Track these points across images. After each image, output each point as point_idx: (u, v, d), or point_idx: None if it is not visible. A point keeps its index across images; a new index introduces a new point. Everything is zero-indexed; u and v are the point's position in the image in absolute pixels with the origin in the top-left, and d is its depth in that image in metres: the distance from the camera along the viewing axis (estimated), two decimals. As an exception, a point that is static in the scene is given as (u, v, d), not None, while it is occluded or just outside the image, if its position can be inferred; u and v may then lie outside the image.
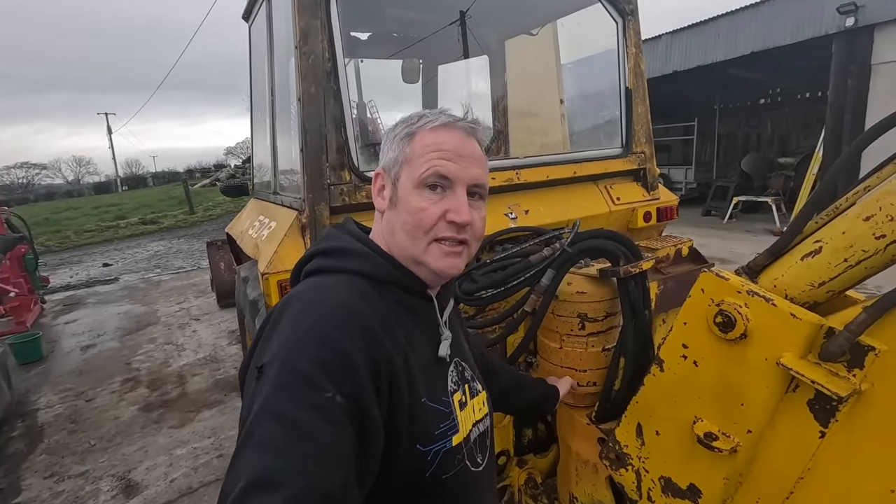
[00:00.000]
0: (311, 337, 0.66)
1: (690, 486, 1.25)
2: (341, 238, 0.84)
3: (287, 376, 0.62)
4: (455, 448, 0.80)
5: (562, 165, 2.23)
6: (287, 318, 0.70)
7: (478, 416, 0.90)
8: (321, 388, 0.61)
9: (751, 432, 1.09)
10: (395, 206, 0.81)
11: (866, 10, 7.51)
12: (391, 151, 0.82)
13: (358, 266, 0.79)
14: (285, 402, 0.60)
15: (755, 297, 1.03)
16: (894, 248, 0.89)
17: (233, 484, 0.54)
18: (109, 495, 2.76)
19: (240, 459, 0.57)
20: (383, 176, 0.84)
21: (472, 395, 0.90)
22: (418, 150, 0.80)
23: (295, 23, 1.60)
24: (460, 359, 0.91)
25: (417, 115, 0.83)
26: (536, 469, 1.93)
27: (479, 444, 0.89)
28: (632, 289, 1.40)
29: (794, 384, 1.01)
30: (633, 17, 2.37)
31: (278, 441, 0.57)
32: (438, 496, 0.78)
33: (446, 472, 0.78)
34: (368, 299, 0.75)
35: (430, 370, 0.81)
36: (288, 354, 0.64)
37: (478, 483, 0.87)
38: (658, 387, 1.28)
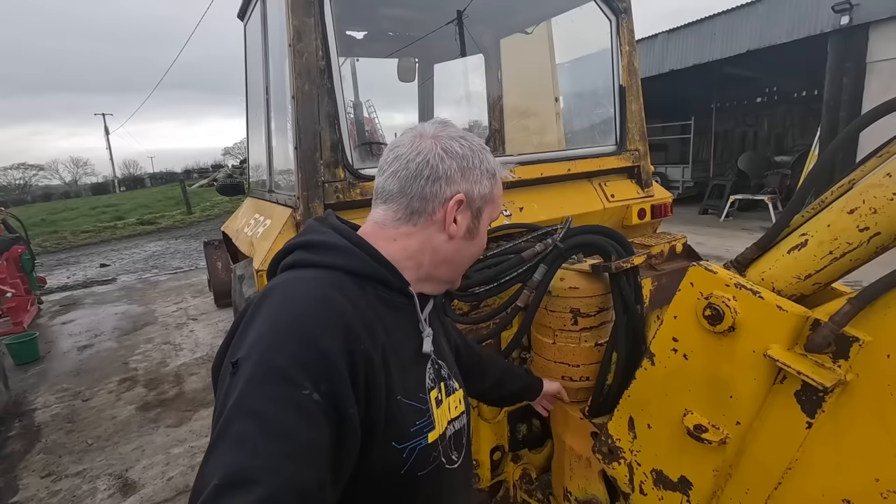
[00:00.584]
0: (290, 333, 0.65)
1: (681, 478, 1.26)
2: (323, 232, 0.83)
3: (263, 372, 0.61)
4: (431, 445, 0.80)
5: (556, 163, 2.24)
6: (264, 312, 0.69)
7: (454, 413, 0.91)
8: (298, 386, 0.60)
9: (739, 424, 1.11)
10: (473, 238, 0.85)
11: (861, 8, 7.55)
12: (480, 185, 0.83)
13: (340, 261, 0.78)
14: (261, 399, 0.59)
15: (743, 290, 1.04)
16: (878, 240, 0.90)
17: (206, 482, 0.53)
18: (106, 494, 2.76)
19: (213, 457, 0.56)
20: (465, 204, 0.82)
21: (448, 393, 0.90)
22: (497, 195, 0.87)
23: (288, 21, 1.61)
24: (438, 356, 0.91)
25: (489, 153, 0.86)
26: (531, 465, 1.95)
27: (454, 441, 0.89)
28: (623, 284, 1.41)
29: (781, 376, 1.02)
30: (626, 15, 2.38)
31: (253, 439, 0.56)
32: (413, 492, 0.79)
33: (421, 470, 0.78)
34: (349, 295, 0.74)
35: (408, 367, 0.81)
36: (265, 350, 0.63)
37: (452, 480, 0.87)
38: (649, 380, 1.29)
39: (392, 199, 0.82)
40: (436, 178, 0.80)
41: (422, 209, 0.81)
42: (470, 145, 0.83)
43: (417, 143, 0.82)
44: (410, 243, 0.83)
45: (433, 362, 0.88)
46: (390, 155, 0.83)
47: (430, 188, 0.80)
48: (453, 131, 0.84)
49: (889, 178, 0.86)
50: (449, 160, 0.80)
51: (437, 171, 0.80)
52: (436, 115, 3.91)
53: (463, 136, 0.84)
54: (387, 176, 0.83)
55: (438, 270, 0.85)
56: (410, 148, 0.81)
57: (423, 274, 0.84)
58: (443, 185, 0.80)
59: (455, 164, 0.81)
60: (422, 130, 0.83)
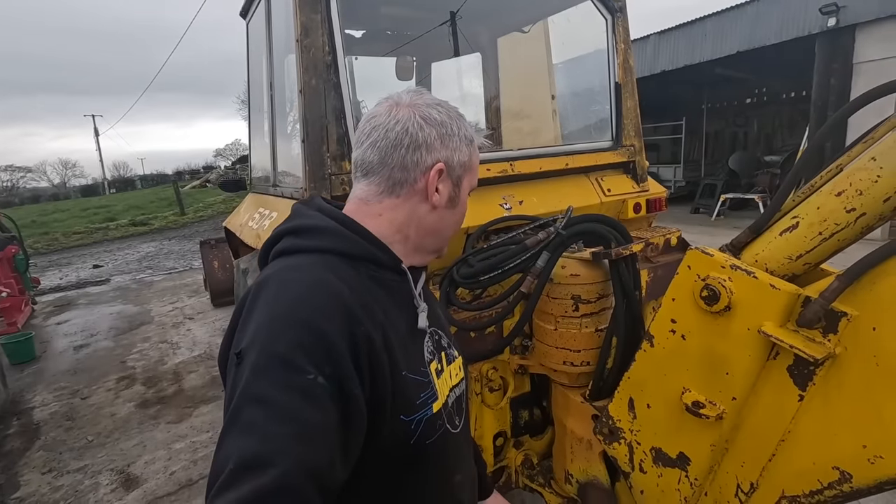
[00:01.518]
0: (289, 319, 0.66)
1: (680, 454, 1.32)
2: (311, 216, 0.83)
3: (267, 360, 0.62)
4: (435, 415, 0.82)
5: (554, 157, 2.29)
6: (263, 301, 0.69)
7: (454, 381, 0.93)
8: (302, 371, 0.62)
9: (735, 399, 1.16)
10: (455, 206, 0.85)
11: (847, 10, 7.70)
12: (459, 153, 0.83)
13: (331, 244, 0.78)
14: (267, 386, 0.60)
15: (738, 271, 1.10)
16: (864, 220, 0.96)
17: (222, 466, 0.55)
18: (109, 489, 2.77)
19: (226, 443, 0.58)
20: (444, 172, 0.81)
21: (448, 362, 0.93)
22: (475, 162, 0.87)
23: (296, 17, 1.65)
24: (437, 328, 0.93)
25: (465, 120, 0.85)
26: (532, 451, 1.99)
27: (456, 407, 0.92)
28: (623, 270, 1.47)
29: (774, 351, 1.08)
30: (621, 14, 2.44)
31: (263, 423, 0.58)
32: (423, 459, 0.81)
33: (429, 438, 0.80)
34: (344, 277, 0.74)
35: (407, 343, 0.82)
36: (266, 338, 0.64)
37: (456, 443, 0.91)
38: (648, 362, 1.35)
39: (373, 171, 0.82)
40: (416, 147, 0.79)
41: (403, 179, 0.81)
42: (448, 112, 0.83)
43: (395, 111, 0.80)
44: (396, 216, 0.83)
45: (433, 333, 0.90)
46: (367, 125, 0.82)
47: (411, 157, 0.79)
48: (429, 98, 0.83)
49: (873, 162, 0.92)
50: (428, 128, 0.80)
51: (416, 139, 0.79)
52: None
53: (439, 103, 0.83)
54: (365, 147, 0.82)
55: (425, 242, 0.86)
56: (388, 117, 0.80)
57: (412, 247, 0.85)
58: (423, 154, 0.80)
59: (435, 132, 0.80)
60: (398, 99, 0.82)
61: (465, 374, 1.00)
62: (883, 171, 0.91)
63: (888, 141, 0.92)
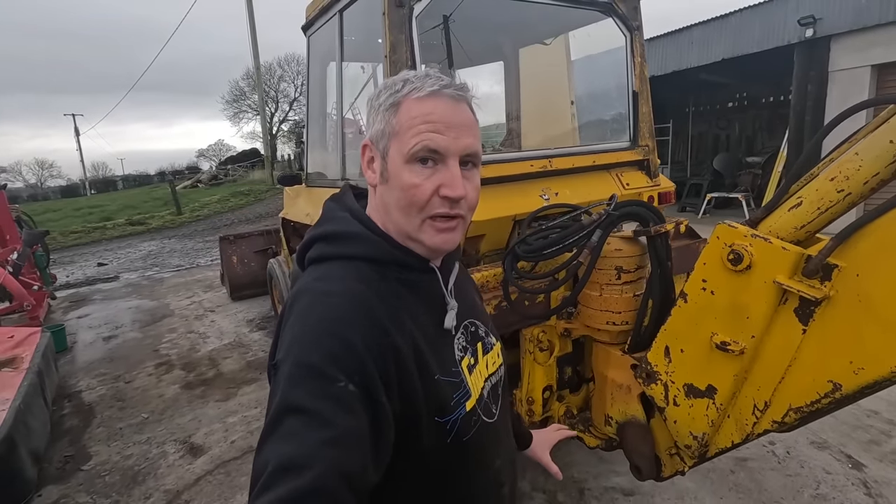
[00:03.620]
0: (320, 331, 0.69)
1: (708, 386, 1.67)
2: (340, 220, 0.84)
3: (300, 371, 0.65)
4: (470, 412, 0.83)
5: (584, 156, 2.67)
6: (296, 313, 0.73)
7: (491, 369, 0.95)
8: (334, 379, 0.65)
9: (754, 337, 1.51)
10: (387, 181, 0.79)
11: (824, 22, 8.28)
12: (377, 123, 0.79)
13: (358, 251, 0.79)
14: (302, 395, 0.64)
15: (757, 238, 1.46)
16: (850, 198, 1.33)
17: (261, 470, 0.59)
18: (177, 455, 3.05)
19: (265, 448, 0.61)
20: (371, 148, 0.81)
21: (485, 352, 0.94)
22: (405, 123, 0.75)
23: (386, 37, 1.98)
24: (473, 318, 0.93)
25: (401, 81, 0.78)
26: (572, 404, 2.35)
27: (492, 396, 0.93)
28: (658, 245, 1.83)
29: (784, 298, 1.44)
30: (639, 31, 2.82)
31: (299, 430, 0.61)
32: (462, 455, 0.83)
33: (466, 435, 0.82)
34: (371, 285, 0.76)
35: (437, 343, 0.82)
36: (300, 350, 0.68)
37: (495, 431, 0.92)
38: (683, 315, 1.70)
39: None
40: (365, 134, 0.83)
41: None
42: (381, 89, 0.80)
43: None
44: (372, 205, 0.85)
45: (468, 325, 0.91)
46: None
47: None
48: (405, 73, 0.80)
49: (856, 156, 1.29)
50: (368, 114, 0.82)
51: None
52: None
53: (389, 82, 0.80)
54: None
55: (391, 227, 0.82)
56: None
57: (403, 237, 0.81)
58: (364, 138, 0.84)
59: (370, 116, 0.81)
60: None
61: (504, 360, 1.02)
62: (863, 162, 1.28)
63: (866, 141, 1.29)
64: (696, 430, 1.72)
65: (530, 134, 3.74)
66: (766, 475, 2.62)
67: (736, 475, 2.63)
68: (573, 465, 2.72)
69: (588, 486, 2.60)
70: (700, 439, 1.73)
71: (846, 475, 2.60)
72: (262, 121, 23.09)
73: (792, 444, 2.84)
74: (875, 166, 1.27)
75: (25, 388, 2.98)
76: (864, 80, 8.06)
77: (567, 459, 2.75)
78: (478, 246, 2.44)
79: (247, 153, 40.49)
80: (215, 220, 15.76)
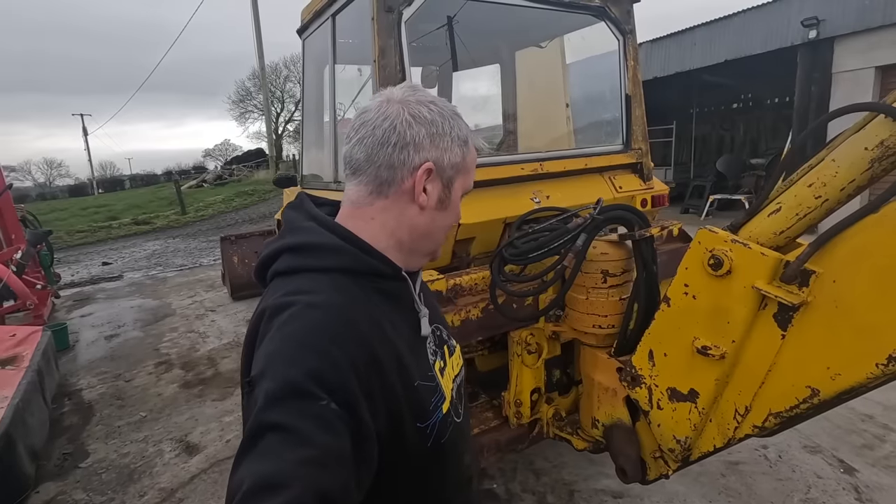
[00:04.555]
0: (301, 346, 0.66)
1: (691, 390, 1.68)
2: (308, 230, 0.80)
3: (280, 388, 0.63)
4: (446, 414, 0.85)
5: (576, 159, 2.68)
6: (274, 327, 0.70)
7: (456, 370, 0.96)
8: (315, 397, 0.62)
9: (734, 342, 1.52)
10: (445, 208, 0.82)
11: (827, 23, 8.24)
12: (450, 153, 0.80)
13: (333, 262, 0.77)
14: (281, 413, 0.61)
15: (736, 244, 1.46)
16: (827, 204, 1.33)
17: (236, 488, 0.56)
18: (173, 454, 3.09)
19: (241, 466, 0.59)
20: (435, 173, 0.80)
21: (450, 354, 0.95)
22: (470, 162, 0.84)
23: (374, 42, 2.01)
24: (437, 324, 0.94)
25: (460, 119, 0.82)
26: (561, 406, 2.36)
27: (458, 396, 0.95)
28: (644, 249, 1.84)
29: (763, 303, 1.45)
30: (631, 35, 2.83)
31: (277, 448, 0.59)
32: (440, 457, 0.84)
33: (444, 437, 0.84)
34: (353, 297, 0.75)
35: (414, 350, 0.82)
36: (279, 366, 0.65)
37: (462, 429, 0.94)
38: (666, 319, 1.71)
39: (360, 169, 0.79)
40: (403, 146, 0.77)
41: (391, 178, 0.78)
42: (440, 110, 0.80)
43: (385, 108, 0.78)
44: (388, 219, 0.81)
45: (434, 330, 0.92)
46: (357, 121, 0.80)
47: (398, 156, 0.77)
48: (423, 95, 0.80)
49: (833, 162, 1.30)
50: (417, 126, 0.77)
51: (404, 137, 0.77)
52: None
53: (433, 100, 0.80)
54: (353, 143, 0.79)
55: (419, 245, 0.85)
56: (377, 113, 0.78)
57: (406, 251, 0.84)
58: (411, 153, 0.77)
59: (424, 131, 0.78)
60: (390, 95, 0.80)
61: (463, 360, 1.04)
62: (840, 169, 1.29)
63: (842, 147, 1.29)
64: (680, 434, 1.73)
65: (526, 136, 3.76)
66: (756, 479, 2.62)
67: (727, 478, 2.63)
68: (563, 467, 2.73)
69: (577, 487, 2.61)
70: (683, 443, 1.74)
71: (837, 480, 2.59)
72: (266, 121, 23.21)
73: (784, 448, 2.84)
74: (851, 173, 1.28)
75: (25, 386, 3.02)
76: (867, 81, 8.01)
77: (557, 461, 2.76)
78: (468, 248, 2.46)
79: (252, 153, 40.70)
80: (219, 219, 15.88)
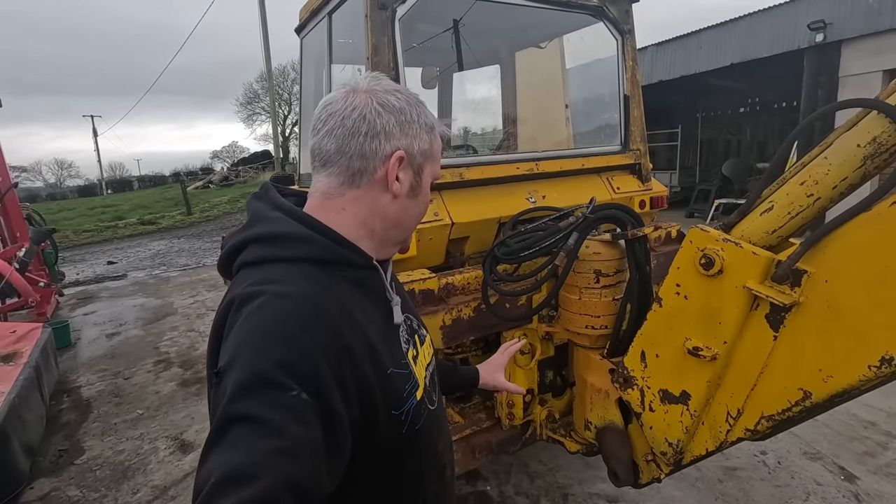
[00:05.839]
0: (271, 336, 0.65)
1: (683, 392, 1.65)
2: (275, 220, 0.79)
3: (249, 378, 0.61)
4: (420, 401, 0.85)
5: (572, 159, 2.66)
6: (242, 317, 0.68)
7: (427, 359, 0.97)
8: (286, 388, 0.62)
9: (726, 343, 1.49)
10: (416, 196, 0.83)
11: (834, 27, 8.17)
12: (419, 140, 0.81)
13: (301, 252, 0.76)
14: (251, 404, 0.60)
15: (728, 243, 1.44)
16: (819, 203, 1.31)
17: (204, 480, 0.55)
18: (168, 451, 3.08)
19: (209, 459, 0.57)
20: (405, 160, 0.80)
21: (421, 343, 0.96)
22: (436, 149, 0.85)
23: (368, 40, 2.00)
24: (408, 314, 0.94)
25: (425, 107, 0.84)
26: (554, 408, 2.33)
27: (432, 384, 0.95)
28: (637, 248, 1.81)
29: (755, 303, 1.42)
30: (630, 35, 2.81)
31: (247, 439, 0.58)
32: (414, 443, 0.84)
33: (417, 423, 0.84)
34: (321, 285, 0.74)
35: (387, 338, 0.82)
36: (248, 356, 0.63)
37: (437, 418, 0.95)
38: (658, 320, 1.69)
39: (330, 160, 0.79)
40: (374, 135, 0.77)
41: (363, 168, 0.78)
42: (406, 98, 0.80)
43: (351, 98, 0.78)
44: (359, 209, 0.81)
45: (405, 319, 0.91)
46: (324, 112, 0.79)
47: (370, 145, 0.77)
48: (388, 84, 0.81)
49: (825, 160, 1.27)
50: (387, 115, 0.78)
51: (374, 126, 0.77)
52: (454, 120, 4.32)
53: (398, 89, 0.81)
54: (322, 135, 0.78)
55: (390, 234, 0.85)
56: (344, 104, 0.77)
57: (378, 241, 0.84)
58: (382, 142, 0.77)
59: (393, 119, 0.78)
60: (354, 85, 0.80)
61: (434, 349, 1.05)
62: (831, 167, 1.27)
63: (835, 145, 1.27)
64: (672, 437, 1.71)
65: (526, 137, 3.74)
66: (754, 485, 2.57)
67: (724, 484, 2.59)
68: (558, 470, 2.71)
69: (572, 491, 2.58)
70: (675, 446, 1.71)
71: (837, 487, 2.54)
72: (272, 123, 23.37)
73: (784, 454, 2.79)
74: (843, 171, 1.25)
75: (21, 382, 3.04)
76: (875, 85, 7.92)
77: (552, 464, 2.73)
78: (462, 248, 2.44)
79: (258, 155, 41.00)
80: (224, 220, 15.96)
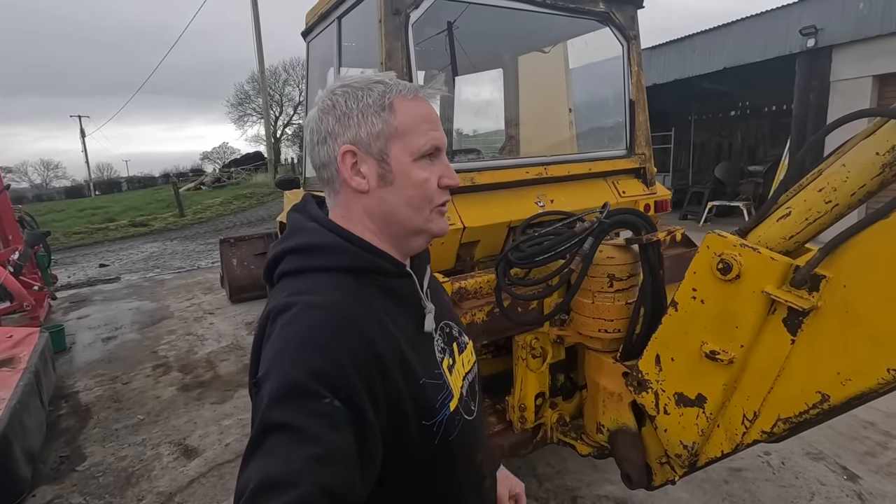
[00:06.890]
0: (304, 346, 0.67)
1: (698, 395, 1.67)
2: (311, 231, 0.81)
3: (285, 387, 0.64)
4: (454, 412, 0.84)
5: (580, 163, 2.68)
6: (279, 328, 0.70)
7: (467, 368, 0.96)
8: (319, 396, 0.64)
9: (743, 347, 1.51)
10: (391, 183, 0.79)
11: (825, 32, 8.31)
12: (366, 125, 0.77)
13: (335, 262, 0.78)
14: (287, 413, 0.62)
15: (746, 248, 1.46)
16: (837, 209, 1.34)
17: (244, 488, 0.57)
18: (172, 457, 3.05)
19: (249, 466, 0.60)
20: (357, 153, 0.77)
21: (460, 351, 0.95)
22: (409, 122, 0.78)
23: (382, 45, 2.00)
24: (447, 319, 0.93)
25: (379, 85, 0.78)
26: (565, 411, 2.35)
27: (470, 393, 0.94)
28: (650, 253, 1.83)
29: (772, 307, 1.44)
30: (635, 41, 2.84)
31: (284, 447, 0.60)
32: (448, 455, 0.84)
33: (451, 434, 0.83)
34: (353, 294, 0.75)
35: (419, 347, 0.82)
36: (283, 366, 0.66)
37: (475, 428, 0.93)
38: (673, 324, 1.70)
39: (318, 174, 0.83)
40: (322, 140, 0.78)
41: (331, 176, 0.80)
42: (346, 90, 0.78)
43: (311, 112, 0.81)
44: (351, 214, 0.81)
45: (443, 327, 0.91)
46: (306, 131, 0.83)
47: (324, 152, 0.79)
48: (337, 84, 0.80)
49: (843, 167, 1.30)
50: (326, 117, 0.78)
51: (320, 132, 0.78)
52: (455, 123, 4.33)
53: (345, 83, 0.79)
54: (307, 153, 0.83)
55: (391, 229, 0.82)
56: (308, 119, 0.82)
57: (386, 240, 0.83)
58: (331, 144, 0.78)
59: (331, 118, 0.78)
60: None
61: (476, 357, 1.04)
62: (850, 174, 1.29)
63: (853, 152, 1.30)
64: (687, 440, 1.72)
65: (529, 141, 3.76)
66: (759, 486, 2.61)
67: (729, 485, 2.62)
68: (566, 473, 2.72)
69: (581, 493, 2.59)
70: (690, 448, 1.72)
71: (841, 487, 2.58)
72: (265, 124, 23.25)
73: (787, 455, 2.83)
74: (861, 178, 1.28)
75: (21, 388, 2.99)
76: (865, 90, 8.07)
77: (560, 467, 2.75)
78: (472, 252, 2.45)
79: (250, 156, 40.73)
80: (217, 222, 15.83)
